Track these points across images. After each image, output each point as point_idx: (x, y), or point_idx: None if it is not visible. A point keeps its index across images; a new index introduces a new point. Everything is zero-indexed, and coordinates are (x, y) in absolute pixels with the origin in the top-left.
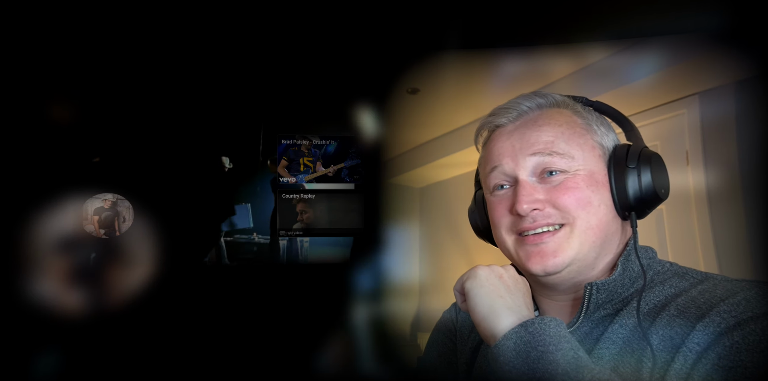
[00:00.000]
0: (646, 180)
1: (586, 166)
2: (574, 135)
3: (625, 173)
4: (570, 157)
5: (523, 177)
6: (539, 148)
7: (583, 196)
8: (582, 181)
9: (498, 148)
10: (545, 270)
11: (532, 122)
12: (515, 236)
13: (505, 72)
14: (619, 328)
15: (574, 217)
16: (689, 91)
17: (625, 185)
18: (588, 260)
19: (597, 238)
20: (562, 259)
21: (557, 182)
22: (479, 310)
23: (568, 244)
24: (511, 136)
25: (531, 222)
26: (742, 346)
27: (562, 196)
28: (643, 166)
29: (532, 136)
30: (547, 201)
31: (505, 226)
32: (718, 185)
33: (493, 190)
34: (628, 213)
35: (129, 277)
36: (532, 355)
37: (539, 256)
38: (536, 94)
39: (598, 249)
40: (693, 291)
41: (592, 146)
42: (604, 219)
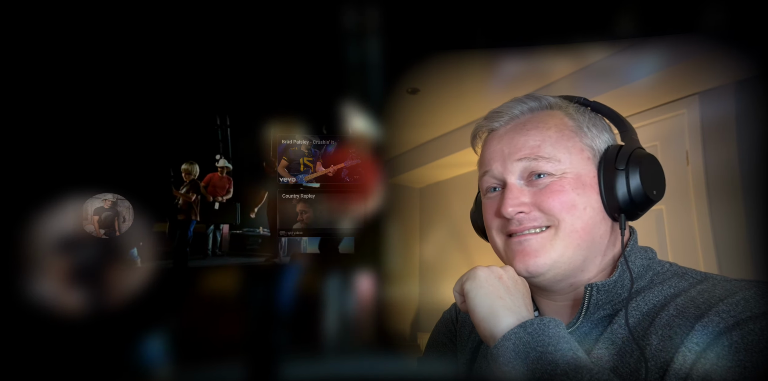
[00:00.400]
0: (635, 182)
1: (573, 168)
2: (562, 138)
3: (614, 175)
4: (556, 161)
5: (511, 180)
6: (525, 154)
7: (568, 200)
8: (568, 184)
9: (489, 152)
10: (527, 270)
11: (521, 126)
12: (504, 237)
13: (505, 72)
14: (618, 329)
15: (559, 220)
16: (689, 91)
17: (613, 187)
18: (575, 263)
19: (582, 241)
20: (543, 260)
21: (543, 185)
22: (479, 311)
23: (551, 245)
24: (501, 140)
25: (517, 225)
26: (741, 346)
27: (547, 199)
28: (632, 167)
29: (520, 141)
30: (533, 204)
31: (495, 228)
32: (718, 185)
33: (485, 192)
34: (618, 215)
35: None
36: (531, 356)
37: (522, 254)
38: (529, 98)
39: (584, 252)
40: (692, 291)
41: (581, 149)
42: (590, 222)
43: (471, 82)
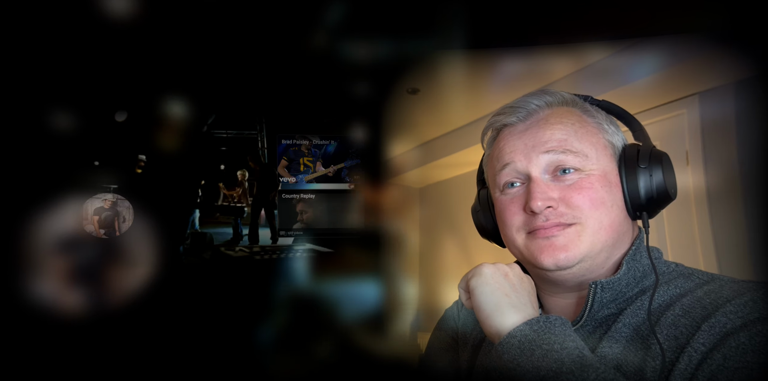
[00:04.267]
0: (657, 180)
1: (600, 165)
2: (587, 134)
3: (636, 173)
4: (584, 156)
5: (536, 174)
6: (553, 146)
7: (598, 197)
8: (597, 181)
9: (510, 146)
10: (557, 264)
11: (544, 121)
12: (525, 233)
13: (505, 72)
14: (622, 328)
15: (587, 217)
16: (689, 91)
17: (637, 185)
18: (599, 259)
19: (609, 238)
20: (573, 253)
21: (571, 181)
22: (484, 308)
23: (579, 240)
24: (522, 135)
25: (544, 220)
26: (748, 347)
27: (576, 195)
28: (654, 166)
29: (546, 135)
30: (561, 199)
31: (516, 225)
32: (718, 185)
33: (503, 188)
34: (640, 213)
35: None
36: (536, 353)
37: (551, 249)
38: (545, 92)
39: (609, 249)
40: (699, 291)
41: (604, 145)
42: (616, 219)
43: (471, 82)
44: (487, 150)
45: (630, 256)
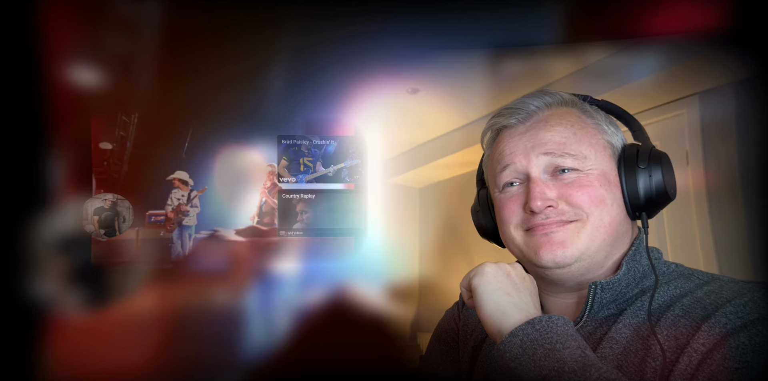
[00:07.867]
0: (657, 180)
1: (599, 165)
2: (587, 135)
3: (636, 173)
4: (582, 158)
5: (535, 174)
6: (551, 148)
7: (597, 195)
8: (595, 179)
9: (510, 147)
10: (555, 261)
11: (544, 122)
12: (523, 231)
13: (505, 72)
14: (622, 328)
15: (588, 214)
16: (689, 91)
17: (636, 185)
18: (598, 258)
19: (608, 237)
20: (571, 251)
21: (570, 180)
22: (486, 307)
23: (578, 237)
24: (522, 136)
25: (544, 219)
26: (748, 348)
27: (576, 192)
28: (653, 166)
29: (545, 137)
30: (560, 198)
31: (514, 223)
32: (718, 185)
33: (503, 187)
34: (639, 213)
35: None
36: (538, 353)
37: (549, 245)
38: (544, 93)
39: (608, 248)
40: (699, 292)
41: (604, 146)
42: (617, 218)
43: (471, 82)
44: (487, 151)
45: (630, 257)
